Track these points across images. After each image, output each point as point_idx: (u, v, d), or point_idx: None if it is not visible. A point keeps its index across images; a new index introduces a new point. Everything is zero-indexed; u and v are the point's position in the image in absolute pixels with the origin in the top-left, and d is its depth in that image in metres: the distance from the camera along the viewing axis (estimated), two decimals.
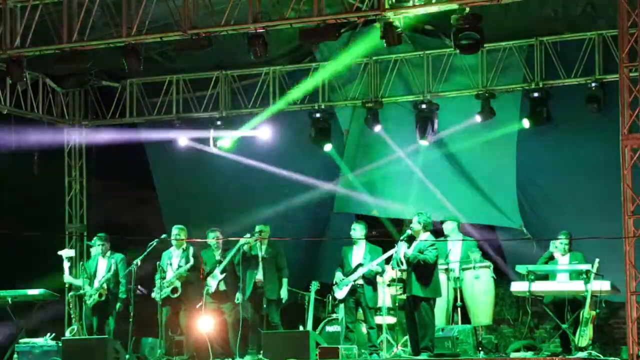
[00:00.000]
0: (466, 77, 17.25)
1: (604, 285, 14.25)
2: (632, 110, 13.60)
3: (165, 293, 15.69)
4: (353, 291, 15.10)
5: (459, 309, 15.40)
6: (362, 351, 15.07)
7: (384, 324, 15.43)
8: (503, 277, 16.48)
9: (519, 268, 14.78)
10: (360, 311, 15.23)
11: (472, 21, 13.97)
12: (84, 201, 19.76)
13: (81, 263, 16.83)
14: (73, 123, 19.40)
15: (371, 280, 15.08)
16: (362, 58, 17.36)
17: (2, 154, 17.34)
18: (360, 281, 15.06)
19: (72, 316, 16.85)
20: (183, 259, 15.82)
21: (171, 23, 15.32)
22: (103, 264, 16.22)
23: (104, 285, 16.05)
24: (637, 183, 13.63)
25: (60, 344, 15.71)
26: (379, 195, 18.56)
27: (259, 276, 15.57)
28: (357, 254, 15.20)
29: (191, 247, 15.93)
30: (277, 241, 15.83)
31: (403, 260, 14.38)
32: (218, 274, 15.91)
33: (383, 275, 15.27)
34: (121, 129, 18.83)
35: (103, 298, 16.05)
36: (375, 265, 15.02)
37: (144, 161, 19.26)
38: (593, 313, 14.30)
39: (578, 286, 14.42)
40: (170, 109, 18.78)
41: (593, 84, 16.24)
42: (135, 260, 15.63)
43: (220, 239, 16.09)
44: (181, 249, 15.91)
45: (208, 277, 15.92)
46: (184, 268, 15.81)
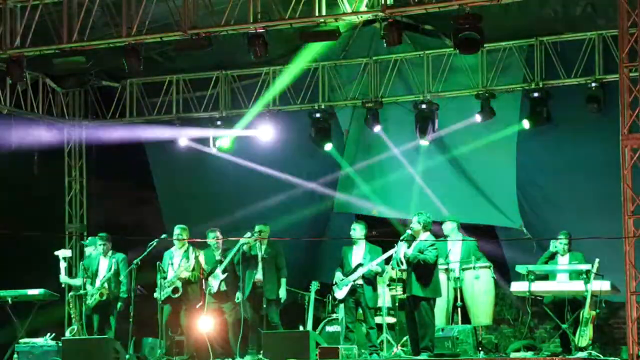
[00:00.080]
0: (466, 77, 17.24)
1: (604, 285, 14.25)
2: (632, 110, 13.59)
3: (166, 293, 15.68)
4: (353, 291, 15.09)
5: (459, 309, 15.39)
6: (362, 351, 15.07)
7: (384, 324, 15.44)
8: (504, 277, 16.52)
9: (519, 268, 14.78)
10: (360, 311, 15.24)
11: (472, 21, 13.97)
12: (84, 201, 19.77)
13: (81, 263, 16.80)
14: (73, 123, 19.40)
15: (371, 280, 15.06)
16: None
17: (2, 154, 17.33)
18: (360, 281, 15.05)
19: (72, 316, 16.84)
20: (184, 259, 15.82)
21: (171, 23, 15.32)
22: (104, 264, 16.22)
23: (105, 284, 16.07)
24: (637, 183, 13.63)
25: (60, 344, 15.72)
26: (379, 197, 18.54)
27: (259, 276, 15.55)
28: (357, 254, 15.19)
29: (191, 247, 15.95)
30: (277, 241, 15.82)
31: (403, 260, 14.38)
32: (219, 274, 15.91)
33: (383, 275, 15.27)
34: (121, 129, 18.82)
35: (104, 298, 16.05)
36: (375, 265, 15.01)
37: (144, 161, 19.25)
38: (593, 313, 14.30)
39: (578, 286, 14.42)
40: (170, 109, 18.78)
41: (593, 84, 16.23)
42: (135, 260, 15.64)
43: (220, 239, 16.09)
44: (183, 249, 15.92)
45: (209, 277, 15.93)
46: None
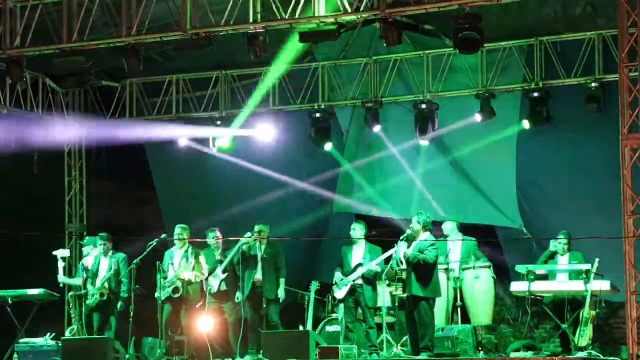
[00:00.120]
0: (466, 77, 17.23)
1: (604, 285, 14.24)
2: (632, 110, 13.58)
3: (167, 293, 15.68)
4: (353, 291, 15.09)
5: (459, 309, 15.39)
6: (362, 351, 15.07)
7: (384, 324, 15.43)
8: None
9: (519, 268, 14.77)
10: (360, 311, 15.23)
11: (472, 21, 13.97)
12: (84, 201, 19.78)
13: (81, 263, 16.79)
14: (73, 123, 19.38)
15: (371, 280, 15.07)
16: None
17: (2, 154, 17.32)
18: (359, 281, 15.06)
19: (72, 316, 16.84)
20: (184, 259, 15.82)
21: (171, 23, 15.31)
22: (105, 264, 16.22)
23: (106, 284, 16.06)
24: (637, 183, 13.61)
25: (60, 344, 15.72)
26: (380, 197, 18.54)
27: (258, 276, 15.55)
28: (357, 254, 15.19)
29: (191, 247, 15.94)
30: (277, 241, 15.82)
31: (403, 260, 14.37)
32: (220, 274, 15.91)
33: (382, 275, 15.26)
34: (121, 129, 18.81)
35: (105, 297, 16.05)
36: (375, 265, 15.01)
37: (144, 161, 19.25)
38: (593, 313, 14.29)
39: (578, 286, 14.41)
40: (170, 109, 18.78)
41: (593, 84, 16.23)
42: (135, 260, 15.63)
43: (220, 239, 16.09)
44: (183, 249, 15.91)
45: (210, 277, 15.92)
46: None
